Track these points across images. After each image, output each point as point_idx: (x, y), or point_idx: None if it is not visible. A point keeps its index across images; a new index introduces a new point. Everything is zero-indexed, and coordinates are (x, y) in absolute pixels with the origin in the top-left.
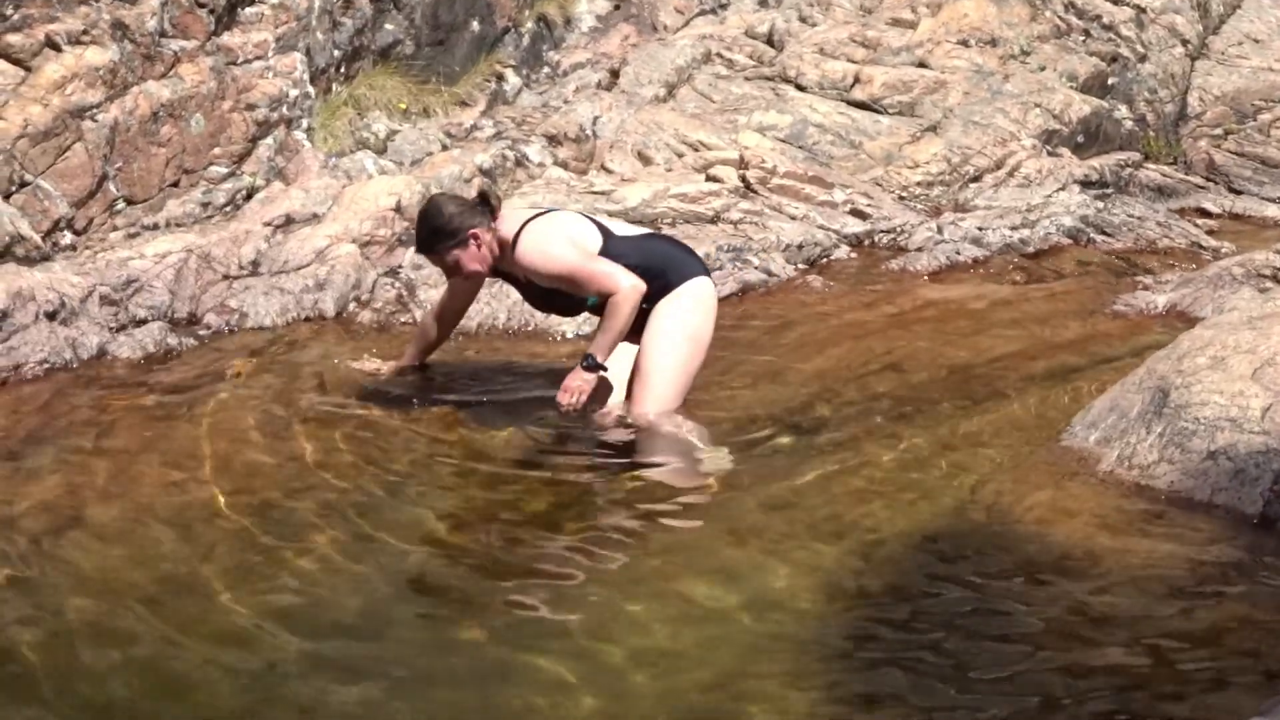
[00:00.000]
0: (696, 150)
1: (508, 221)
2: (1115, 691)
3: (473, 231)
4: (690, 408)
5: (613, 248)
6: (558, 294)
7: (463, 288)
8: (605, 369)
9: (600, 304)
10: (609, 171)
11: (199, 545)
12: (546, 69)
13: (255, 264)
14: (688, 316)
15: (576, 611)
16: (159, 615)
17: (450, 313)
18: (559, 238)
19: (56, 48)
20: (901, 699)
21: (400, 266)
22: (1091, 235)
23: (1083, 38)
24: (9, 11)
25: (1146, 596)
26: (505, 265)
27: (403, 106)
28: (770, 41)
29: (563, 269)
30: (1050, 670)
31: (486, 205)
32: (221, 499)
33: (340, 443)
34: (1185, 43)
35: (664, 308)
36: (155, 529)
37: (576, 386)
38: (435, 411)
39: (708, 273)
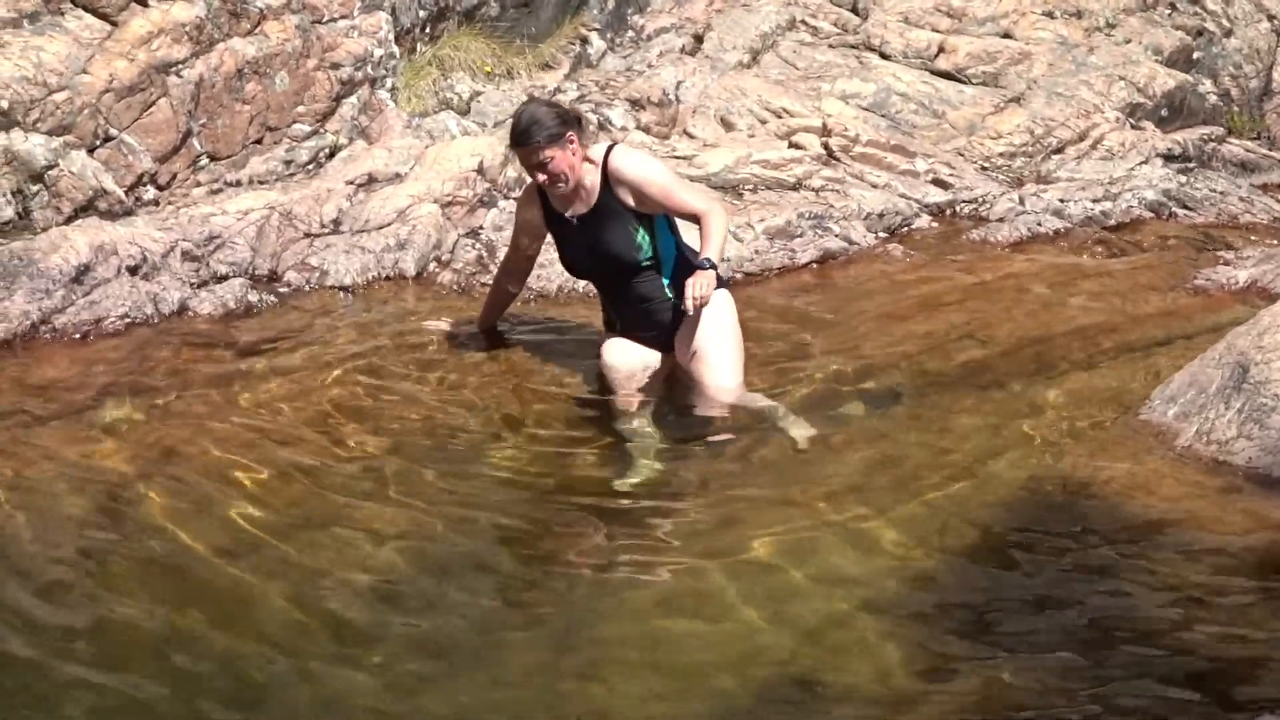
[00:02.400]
0: (779, 117)
1: (592, 149)
2: (1191, 668)
3: (570, 135)
4: (768, 375)
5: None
6: (620, 236)
7: (526, 243)
8: (718, 268)
9: (652, 261)
10: (691, 136)
11: (277, 496)
12: (630, 33)
13: (337, 222)
14: (729, 305)
15: (657, 572)
16: (236, 566)
17: (516, 270)
18: (655, 159)
19: (143, 3)
20: (976, 664)
21: (481, 228)
22: (1173, 209)
23: (1168, 11)
24: None
25: (1223, 573)
26: (575, 205)
27: (487, 68)
28: (855, 9)
29: (663, 179)
30: (1125, 644)
31: (580, 123)
32: (297, 452)
33: (415, 400)
34: (1272, 18)
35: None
36: (234, 479)
37: (703, 283)
38: (514, 373)
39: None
